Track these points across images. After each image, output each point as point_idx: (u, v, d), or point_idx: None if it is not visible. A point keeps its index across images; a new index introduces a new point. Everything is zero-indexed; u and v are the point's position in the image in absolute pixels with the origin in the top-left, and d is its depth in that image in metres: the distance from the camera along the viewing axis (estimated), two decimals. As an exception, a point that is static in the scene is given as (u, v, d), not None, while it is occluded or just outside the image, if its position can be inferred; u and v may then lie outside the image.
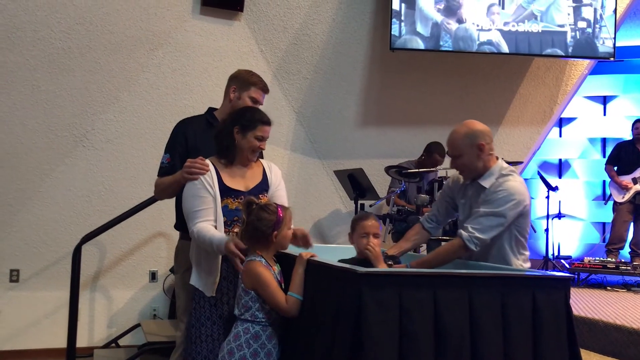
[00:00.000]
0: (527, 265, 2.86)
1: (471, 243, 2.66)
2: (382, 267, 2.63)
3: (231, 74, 3.15)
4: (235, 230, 2.64)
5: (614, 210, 6.41)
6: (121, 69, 5.01)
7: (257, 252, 2.47)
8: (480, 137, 2.82)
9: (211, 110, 3.16)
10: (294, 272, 2.41)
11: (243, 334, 2.41)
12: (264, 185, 2.76)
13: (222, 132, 2.74)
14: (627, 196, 6.23)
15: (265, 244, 2.48)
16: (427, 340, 1.99)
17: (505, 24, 5.46)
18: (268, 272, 2.42)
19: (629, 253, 6.33)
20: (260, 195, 2.71)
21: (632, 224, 6.32)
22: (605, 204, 6.83)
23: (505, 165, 2.87)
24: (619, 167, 6.38)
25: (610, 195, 6.48)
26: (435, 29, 5.41)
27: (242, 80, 3.09)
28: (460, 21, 5.43)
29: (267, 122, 2.73)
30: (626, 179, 6.28)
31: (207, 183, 2.65)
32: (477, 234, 2.66)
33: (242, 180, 2.71)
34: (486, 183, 2.79)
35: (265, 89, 3.12)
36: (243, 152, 2.72)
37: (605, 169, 6.52)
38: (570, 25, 5.55)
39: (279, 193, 2.82)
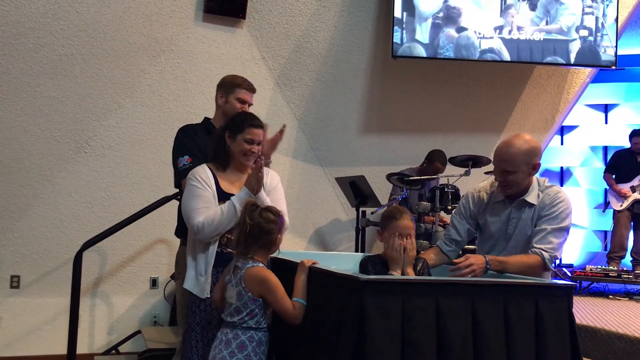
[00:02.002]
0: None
1: (551, 263, 2.65)
2: (410, 273, 2.49)
3: (218, 83, 3.19)
4: (227, 236, 2.65)
5: (613, 218, 6.42)
6: (123, 76, 5.02)
7: (256, 259, 2.42)
8: (537, 155, 2.76)
9: (208, 119, 3.20)
10: (297, 279, 2.39)
11: (249, 343, 2.36)
12: None
13: (216, 138, 2.77)
14: (626, 204, 6.24)
15: (267, 248, 2.45)
16: (430, 348, 1.98)
17: (519, 28, 5.46)
18: (275, 277, 2.39)
19: (631, 262, 6.32)
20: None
21: (631, 232, 6.32)
22: (603, 211, 6.84)
23: (540, 177, 2.84)
24: (617, 175, 6.40)
25: (609, 203, 6.48)
26: (437, 37, 5.42)
27: (227, 85, 3.13)
28: (461, 29, 5.44)
29: (256, 125, 2.72)
30: (624, 187, 6.28)
31: (206, 185, 2.66)
32: (555, 253, 2.65)
33: (239, 185, 2.71)
34: (531, 198, 2.75)
35: (250, 89, 3.14)
36: (235, 156, 2.72)
37: (604, 177, 6.53)
38: (572, 33, 5.56)
39: (276, 196, 2.80)
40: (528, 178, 2.76)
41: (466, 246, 4.55)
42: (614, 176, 6.42)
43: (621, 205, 6.27)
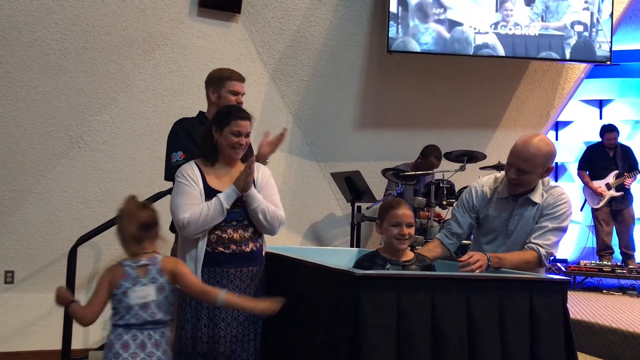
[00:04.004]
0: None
1: (547, 260, 2.71)
2: (407, 257, 2.51)
3: (205, 80, 3.17)
4: (217, 233, 2.65)
5: (593, 216, 6.38)
6: (118, 70, 5.00)
7: (157, 252, 2.44)
8: (553, 158, 2.82)
9: (202, 113, 3.20)
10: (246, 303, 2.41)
11: (169, 335, 2.37)
12: None
13: (203, 133, 2.76)
14: (602, 203, 6.18)
15: (157, 239, 2.49)
16: (425, 343, 1.98)
17: (516, 24, 5.46)
18: None
19: (621, 254, 6.30)
20: None
21: (614, 228, 6.28)
22: (581, 210, 6.78)
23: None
24: (591, 171, 6.32)
25: (585, 201, 6.43)
26: (432, 32, 5.41)
27: (216, 80, 3.12)
28: (457, 24, 5.43)
29: (242, 116, 2.69)
30: (600, 186, 6.22)
31: (193, 182, 2.66)
32: (551, 250, 2.72)
33: (228, 181, 2.68)
34: (536, 197, 2.80)
35: (240, 78, 3.12)
36: (223, 150, 2.71)
37: (578, 174, 6.44)
38: (567, 29, 5.57)
39: (268, 192, 2.78)
40: (539, 179, 2.81)
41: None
42: (587, 172, 6.36)
43: (598, 204, 6.21)
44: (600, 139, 6.41)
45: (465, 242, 4.55)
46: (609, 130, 6.33)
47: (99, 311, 2.38)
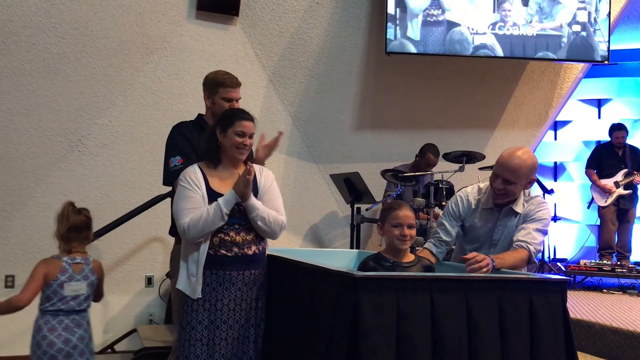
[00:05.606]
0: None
1: (535, 257, 2.81)
2: (408, 259, 2.54)
3: (202, 82, 3.16)
4: (220, 236, 2.67)
5: (599, 214, 6.38)
6: (117, 74, 5.00)
7: (87, 252, 2.87)
8: (536, 171, 2.94)
9: (201, 116, 3.20)
10: None
11: (89, 319, 2.87)
12: (253, 189, 2.75)
13: (207, 136, 2.78)
14: (610, 200, 6.18)
15: (87, 242, 2.91)
16: (425, 344, 1.99)
17: (514, 25, 5.47)
18: None
19: (615, 256, 6.30)
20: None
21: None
22: (588, 207, 6.80)
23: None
24: (599, 170, 6.35)
25: (593, 199, 6.44)
26: (430, 33, 5.42)
27: (210, 85, 3.10)
28: (454, 25, 5.44)
29: (245, 117, 2.72)
30: (608, 183, 6.23)
31: (195, 186, 2.66)
32: (539, 248, 2.83)
33: (231, 184, 2.69)
34: (518, 207, 2.92)
35: (234, 84, 3.10)
36: (227, 151, 2.73)
37: (586, 173, 6.47)
38: (564, 28, 5.58)
39: (271, 196, 2.79)
40: (522, 190, 2.92)
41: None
42: (595, 171, 6.39)
43: (605, 202, 6.22)
44: (609, 138, 6.44)
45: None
46: (617, 128, 6.35)
47: (34, 295, 2.81)
